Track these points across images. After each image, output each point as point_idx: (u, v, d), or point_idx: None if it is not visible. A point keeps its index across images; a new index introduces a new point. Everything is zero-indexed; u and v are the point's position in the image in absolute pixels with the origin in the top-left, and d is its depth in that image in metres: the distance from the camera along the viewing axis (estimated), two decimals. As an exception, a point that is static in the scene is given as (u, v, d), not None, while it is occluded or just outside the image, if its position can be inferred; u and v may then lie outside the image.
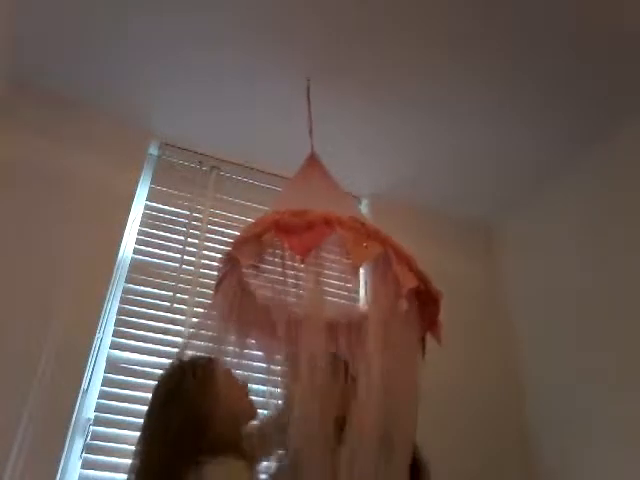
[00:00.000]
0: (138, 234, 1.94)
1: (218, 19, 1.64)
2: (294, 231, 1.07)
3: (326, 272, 1.26)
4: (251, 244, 1.12)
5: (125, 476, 1.49)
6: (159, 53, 1.77)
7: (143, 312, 1.79)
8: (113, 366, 1.67)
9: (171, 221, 2.02)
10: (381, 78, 1.82)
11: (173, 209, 2.05)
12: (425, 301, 1.20)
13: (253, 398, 1.16)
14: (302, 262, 1.09)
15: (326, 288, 1.33)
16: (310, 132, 1.61)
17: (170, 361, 1.13)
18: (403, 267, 1.12)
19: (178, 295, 1.83)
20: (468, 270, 2.44)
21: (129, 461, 1.48)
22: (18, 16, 1.63)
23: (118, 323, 1.74)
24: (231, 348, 1.22)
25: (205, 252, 1.97)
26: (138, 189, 1.98)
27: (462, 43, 1.67)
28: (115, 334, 1.72)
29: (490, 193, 2.40)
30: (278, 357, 1.39)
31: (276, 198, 1.58)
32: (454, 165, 2.23)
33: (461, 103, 1.91)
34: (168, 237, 1.98)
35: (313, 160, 1.53)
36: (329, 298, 1.49)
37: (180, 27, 1.68)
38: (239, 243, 1.15)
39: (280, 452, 1.13)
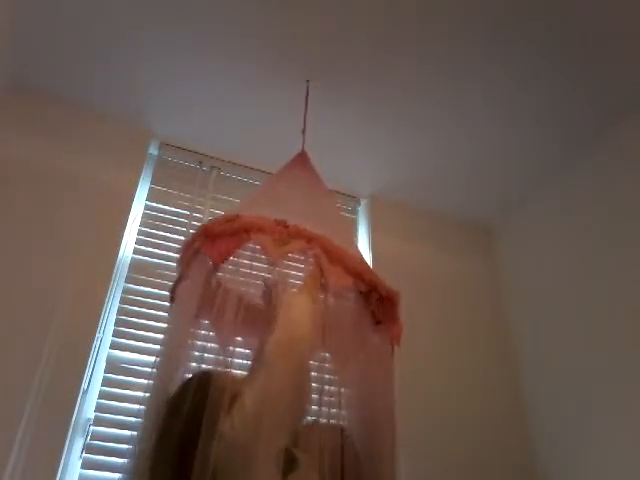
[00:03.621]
0: (138, 234, 1.94)
1: (218, 20, 1.64)
2: (219, 237, 1.15)
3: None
4: (186, 252, 1.24)
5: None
6: (159, 53, 1.77)
7: (143, 312, 1.79)
8: (113, 366, 1.67)
9: (171, 221, 2.02)
10: (381, 79, 1.82)
11: (173, 209, 2.05)
12: (378, 302, 1.21)
13: None
14: (216, 269, 1.13)
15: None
16: (303, 131, 1.63)
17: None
18: (334, 266, 1.16)
19: (178, 295, 1.82)
20: (468, 270, 2.45)
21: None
22: (18, 16, 1.63)
23: (118, 323, 1.74)
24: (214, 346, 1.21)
25: (205, 252, 1.96)
26: (138, 189, 1.98)
27: (462, 44, 1.67)
28: (115, 334, 1.72)
29: (490, 193, 2.39)
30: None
31: (258, 191, 1.59)
32: (454, 165, 2.23)
33: (461, 104, 1.91)
34: (168, 237, 1.98)
35: (302, 157, 1.56)
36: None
37: (180, 27, 1.68)
38: (180, 251, 1.27)
39: None
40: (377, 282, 1.22)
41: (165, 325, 1.45)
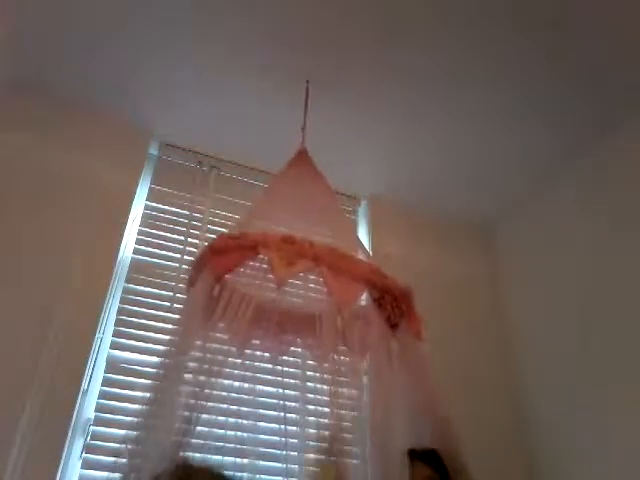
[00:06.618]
0: (138, 234, 1.94)
1: (219, 20, 1.64)
2: (224, 252, 1.20)
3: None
4: (193, 270, 1.31)
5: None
6: (159, 53, 1.77)
7: (143, 312, 1.79)
8: (113, 366, 1.67)
9: (171, 221, 2.02)
10: (381, 79, 1.82)
11: (173, 209, 2.05)
12: (393, 304, 1.23)
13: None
14: (217, 281, 1.19)
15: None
16: (303, 129, 1.63)
17: None
18: (342, 277, 1.17)
19: (178, 295, 1.82)
20: (468, 270, 2.45)
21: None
22: (18, 16, 1.63)
23: (118, 323, 1.74)
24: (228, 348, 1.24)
25: (205, 252, 1.97)
26: (138, 189, 1.98)
27: (463, 45, 1.67)
28: (115, 334, 1.72)
29: (490, 193, 2.39)
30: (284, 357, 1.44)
31: (264, 194, 1.60)
32: (454, 165, 2.23)
33: (462, 104, 1.91)
34: (168, 237, 1.98)
35: (303, 156, 1.57)
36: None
37: (180, 28, 1.68)
38: (191, 267, 1.33)
39: None
40: (388, 283, 1.22)
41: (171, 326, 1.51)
